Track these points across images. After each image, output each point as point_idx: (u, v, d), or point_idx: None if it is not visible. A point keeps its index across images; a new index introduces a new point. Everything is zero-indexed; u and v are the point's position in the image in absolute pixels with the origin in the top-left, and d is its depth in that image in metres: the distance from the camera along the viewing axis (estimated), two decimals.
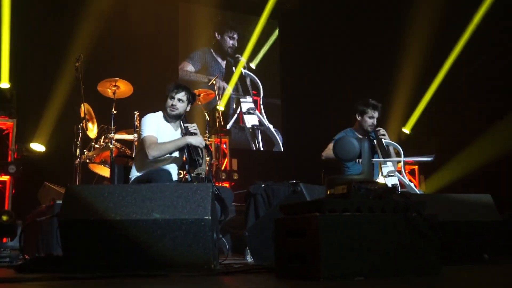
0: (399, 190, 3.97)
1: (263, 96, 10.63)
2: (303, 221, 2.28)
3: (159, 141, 4.14)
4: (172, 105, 4.26)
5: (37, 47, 7.94)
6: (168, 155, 4.20)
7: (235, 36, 10.69)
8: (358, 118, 5.03)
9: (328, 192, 2.50)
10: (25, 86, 7.31)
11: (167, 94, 4.29)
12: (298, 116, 10.47)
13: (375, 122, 4.97)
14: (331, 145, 4.66)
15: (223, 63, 10.47)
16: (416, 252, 2.33)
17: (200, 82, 9.90)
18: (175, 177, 4.34)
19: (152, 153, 4.05)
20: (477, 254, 3.32)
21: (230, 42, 10.64)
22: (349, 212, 2.26)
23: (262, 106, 10.59)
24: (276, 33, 11.15)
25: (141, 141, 4.18)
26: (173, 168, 4.31)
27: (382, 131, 4.85)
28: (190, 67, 10.11)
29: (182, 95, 4.28)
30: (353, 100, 5.20)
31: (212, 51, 10.43)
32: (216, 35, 10.50)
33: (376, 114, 4.97)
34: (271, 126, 10.50)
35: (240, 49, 10.65)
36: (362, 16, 10.01)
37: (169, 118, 4.33)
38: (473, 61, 8.53)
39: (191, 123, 4.40)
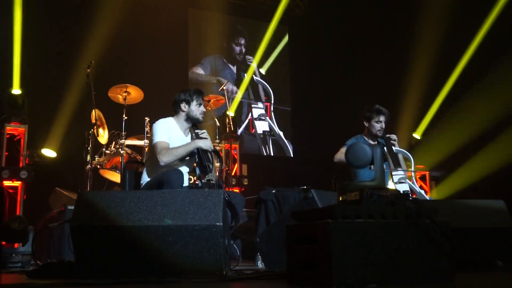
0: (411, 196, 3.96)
1: (273, 103, 10.65)
2: (315, 228, 2.27)
3: (170, 147, 4.15)
4: (203, 111, 4.36)
5: (49, 53, 7.99)
6: (178, 161, 4.20)
7: (242, 41, 10.71)
8: (366, 124, 5.10)
9: (340, 199, 2.49)
10: (36, 92, 7.35)
11: (192, 101, 4.31)
12: (308, 122, 10.45)
13: (383, 126, 4.99)
14: (343, 149, 4.68)
15: (234, 69, 10.50)
16: (429, 259, 2.31)
17: (210, 84, 9.99)
18: (185, 183, 4.34)
19: (164, 158, 4.07)
20: (490, 260, 3.30)
21: (237, 49, 10.66)
22: (361, 219, 2.24)
23: (272, 113, 10.59)
24: (286, 39, 11.17)
25: (152, 147, 4.19)
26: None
27: (393, 136, 4.89)
28: (200, 70, 10.16)
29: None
30: (364, 105, 5.21)
31: (223, 58, 10.47)
32: (224, 42, 10.54)
33: (382, 119, 5.01)
34: (281, 133, 10.50)
35: (251, 54, 10.68)
36: (371, 21, 9.99)
37: (186, 123, 4.36)
38: (484, 66, 8.48)
39: (201, 128, 4.42)
